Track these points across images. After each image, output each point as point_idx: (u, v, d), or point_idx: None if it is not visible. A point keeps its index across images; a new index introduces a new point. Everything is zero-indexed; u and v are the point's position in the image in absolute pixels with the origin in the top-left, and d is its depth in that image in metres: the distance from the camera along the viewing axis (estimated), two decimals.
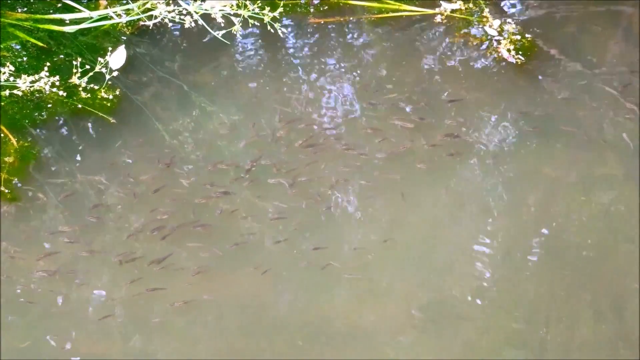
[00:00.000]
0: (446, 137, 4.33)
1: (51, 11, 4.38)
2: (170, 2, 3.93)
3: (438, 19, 4.90)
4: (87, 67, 4.04)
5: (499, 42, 4.79)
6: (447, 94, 4.56)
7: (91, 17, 4.14)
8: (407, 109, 4.47)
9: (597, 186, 4.25)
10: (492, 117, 4.51)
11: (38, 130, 4.26)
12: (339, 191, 4.17)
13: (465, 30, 4.87)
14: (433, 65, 4.76)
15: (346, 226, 4.08)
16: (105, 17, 4.13)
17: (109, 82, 4.15)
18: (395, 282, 3.91)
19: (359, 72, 4.71)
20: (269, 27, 3.93)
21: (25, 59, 4.30)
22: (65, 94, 4.12)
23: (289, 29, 4.83)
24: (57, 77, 4.02)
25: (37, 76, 3.99)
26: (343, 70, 4.71)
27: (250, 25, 4.02)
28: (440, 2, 4.96)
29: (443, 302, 3.87)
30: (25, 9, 4.41)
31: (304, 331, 3.76)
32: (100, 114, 4.25)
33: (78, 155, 4.21)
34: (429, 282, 3.93)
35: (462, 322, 3.81)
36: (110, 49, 4.10)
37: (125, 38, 4.55)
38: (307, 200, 4.11)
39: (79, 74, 4.04)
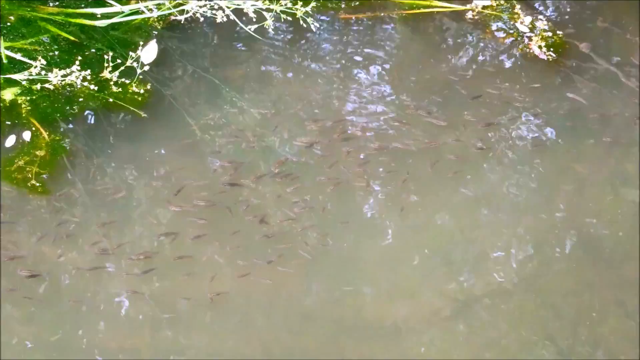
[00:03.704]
0: (475, 132, 4.34)
1: (83, 5, 4.38)
2: None
3: (469, 15, 4.87)
4: (119, 61, 4.05)
5: (530, 38, 4.75)
6: (477, 90, 4.53)
7: (122, 12, 4.14)
8: (437, 105, 4.46)
9: (627, 183, 4.25)
10: (522, 113, 4.49)
11: (69, 124, 4.27)
12: (369, 185, 4.17)
13: (497, 27, 4.84)
14: (464, 62, 4.74)
15: (376, 219, 4.08)
16: (136, 12, 4.14)
17: (140, 77, 4.16)
18: (424, 277, 3.93)
19: (388, 68, 4.69)
20: (300, 22, 3.92)
21: (56, 53, 4.31)
22: (96, 88, 4.12)
23: (320, 24, 4.81)
24: (89, 71, 4.03)
25: (68, 70, 4.00)
26: (373, 66, 4.69)
27: (282, 20, 4.00)
28: None
29: (472, 296, 3.87)
30: (57, 3, 4.42)
31: (334, 326, 3.78)
32: (132, 108, 4.25)
33: (108, 149, 4.22)
34: (457, 276, 3.94)
35: (491, 317, 3.81)
36: (141, 43, 4.14)
37: (156, 32, 4.55)
38: (336, 195, 4.11)
39: (110, 68, 4.06)
